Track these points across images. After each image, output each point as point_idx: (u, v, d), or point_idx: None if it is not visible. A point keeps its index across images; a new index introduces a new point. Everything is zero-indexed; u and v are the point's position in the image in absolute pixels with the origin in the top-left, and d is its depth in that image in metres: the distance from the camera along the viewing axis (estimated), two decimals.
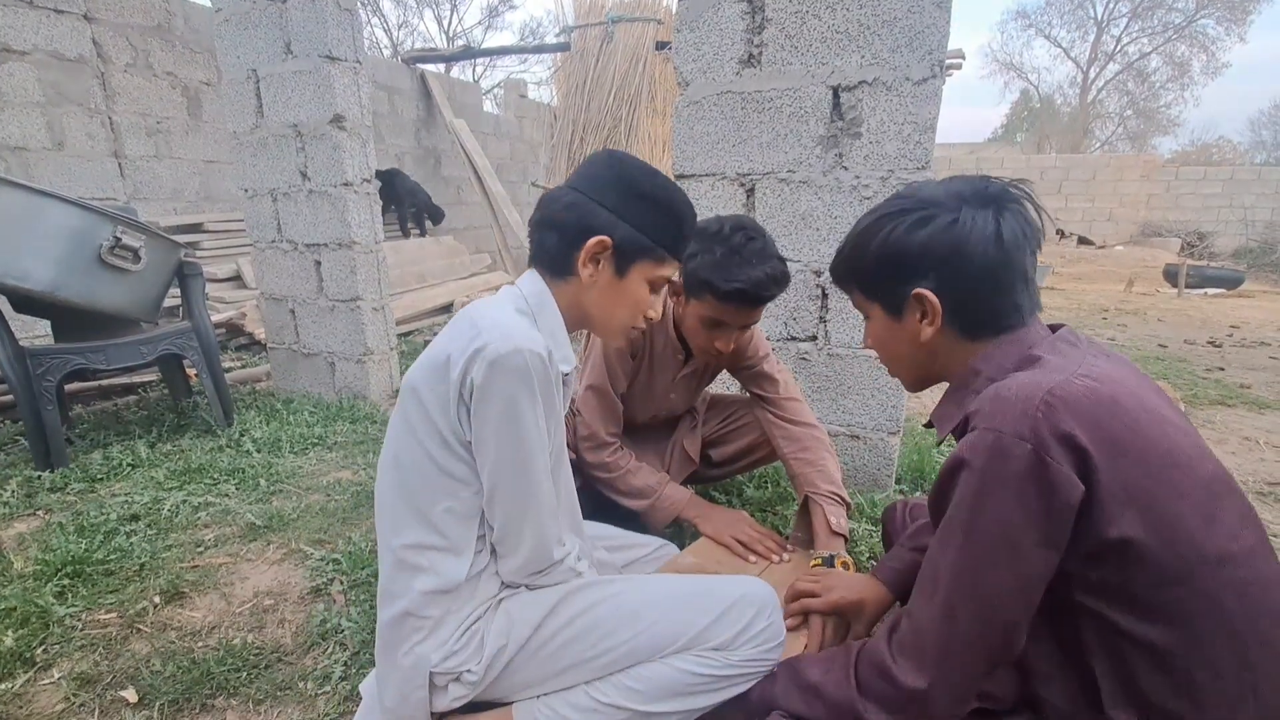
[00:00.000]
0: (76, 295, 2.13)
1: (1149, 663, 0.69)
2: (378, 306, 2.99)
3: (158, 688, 1.20)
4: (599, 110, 5.35)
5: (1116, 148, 22.35)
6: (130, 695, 1.19)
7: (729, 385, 1.98)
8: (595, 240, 0.91)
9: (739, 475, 1.94)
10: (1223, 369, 3.87)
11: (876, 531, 1.67)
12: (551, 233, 0.94)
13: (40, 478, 2.10)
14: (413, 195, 6.60)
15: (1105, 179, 11.82)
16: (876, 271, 0.87)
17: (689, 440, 1.72)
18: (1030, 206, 0.82)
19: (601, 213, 0.91)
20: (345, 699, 1.18)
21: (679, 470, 1.71)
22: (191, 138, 4.85)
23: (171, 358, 2.55)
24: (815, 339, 1.91)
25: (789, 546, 1.44)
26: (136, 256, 2.22)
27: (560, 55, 6.16)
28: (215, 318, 3.73)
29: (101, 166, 4.33)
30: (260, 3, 2.69)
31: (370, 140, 2.86)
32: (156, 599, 1.48)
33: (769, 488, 1.99)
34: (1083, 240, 11.43)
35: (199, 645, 1.34)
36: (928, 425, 0.91)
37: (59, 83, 4.08)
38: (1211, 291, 7.88)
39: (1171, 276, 8.06)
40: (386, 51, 16.83)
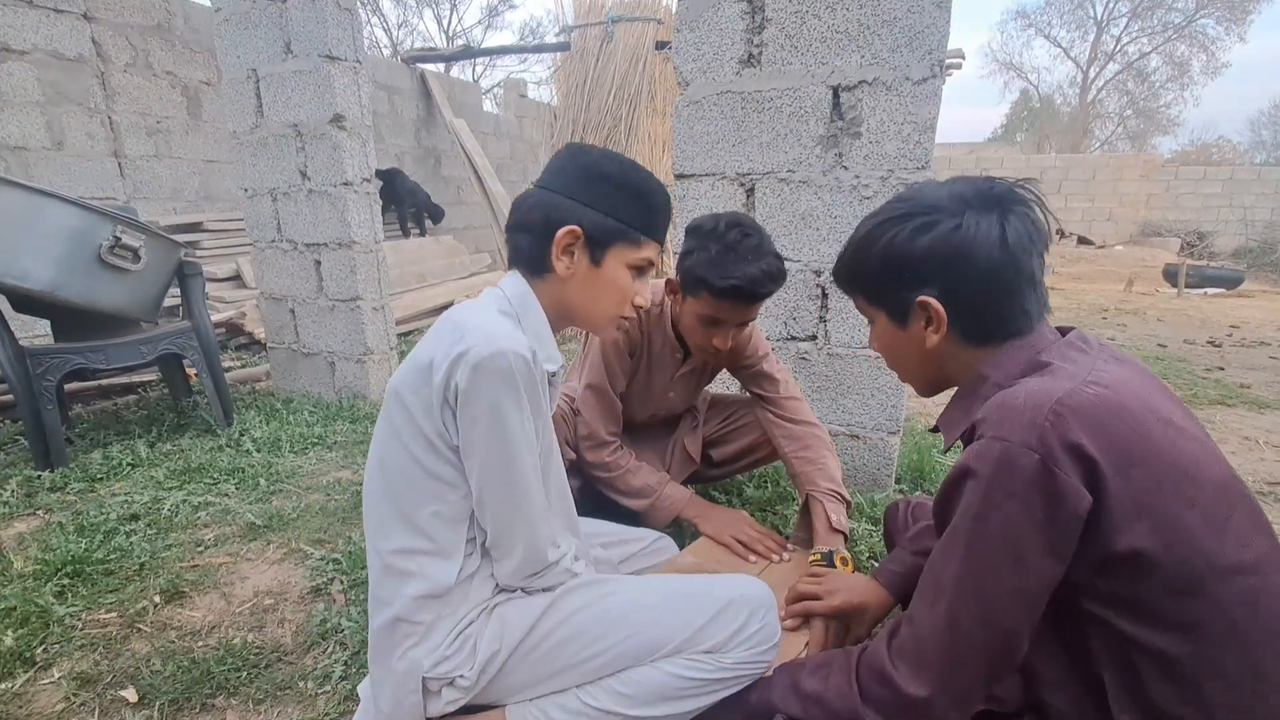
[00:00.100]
0: (76, 295, 2.13)
1: (1157, 671, 0.68)
2: (377, 306, 2.99)
3: (158, 687, 1.20)
4: (599, 110, 5.35)
5: (1116, 147, 22.37)
6: (130, 695, 1.19)
7: (729, 385, 1.99)
8: (565, 231, 0.90)
9: (739, 475, 1.94)
10: (1222, 369, 3.87)
11: (876, 531, 1.67)
12: (524, 234, 0.94)
13: (40, 477, 2.10)
14: (413, 195, 6.60)
15: (1105, 179, 11.82)
16: (879, 278, 0.86)
17: (690, 440, 1.72)
18: (1036, 207, 0.80)
19: (568, 204, 0.91)
20: (345, 698, 1.18)
21: (680, 470, 1.71)
22: (191, 137, 4.85)
23: (171, 357, 2.55)
24: (815, 338, 1.91)
25: (789, 546, 1.44)
26: (136, 256, 2.22)
27: (560, 55, 6.16)
28: (215, 317, 3.73)
29: (101, 166, 4.33)
30: (260, 2, 2.69)
31: (370, 140, 2.86)
32: (156, 598, 1.48)
33: (769, 487, 1.99)
34: (1082, 240, 11.44)
35: (199, 645, 1.34)
36: (933, 430, 0.90)
37: (58, 82, 4.08)
38: (1211, 291, 7.88)
39: (1171, 276, 8.06)
40: (386, 51, 16.83)
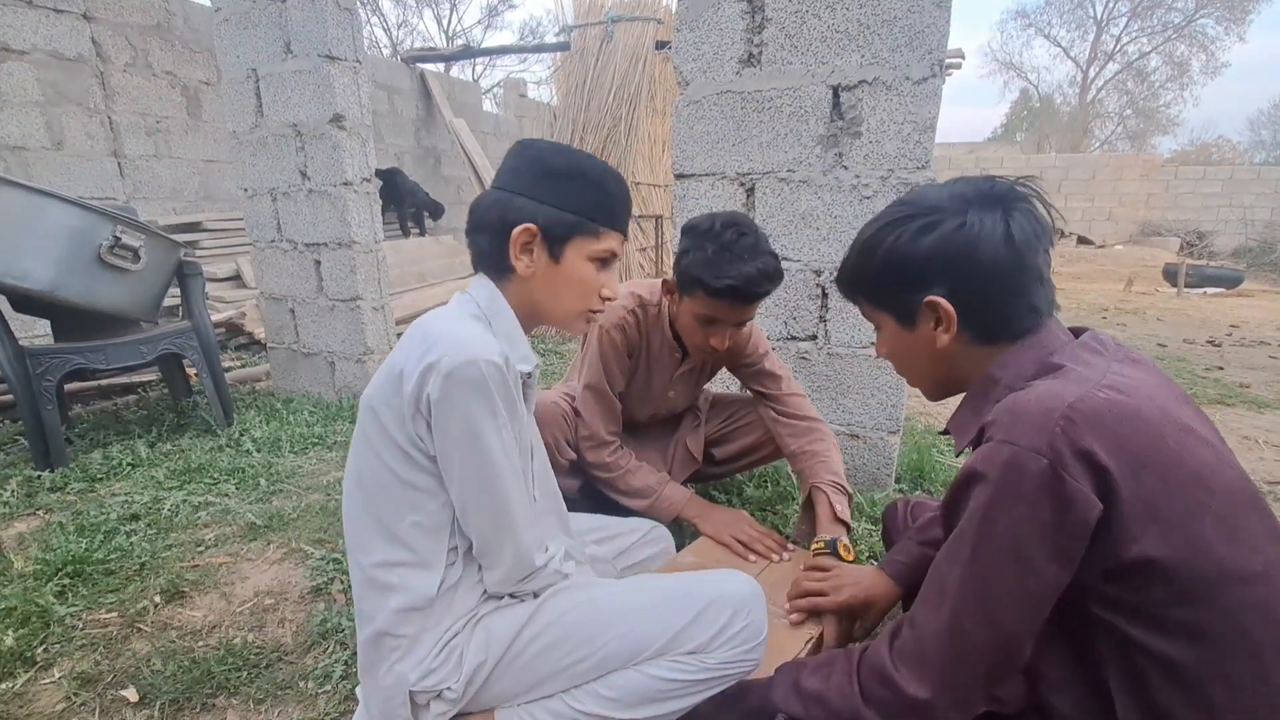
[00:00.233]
0: (76, 295, 2.13)
1: (1164, 677, 0.68)
2: (377, 306, 2.99)
3: (158, 687, 1.20)
4: (599, 110, 5.34)
5: (1116, 147, 22.39)
6: (131, 694, 1.19)
7: (730, 385, 1.99)
8: (520, 229, 0.90)
9: (740, 474, 1.94)
10: (1222, 368, 3.87)
11: (876, 531, 1.67)
12: (483, 235, 0.93)
13: (40, 477, 2.10)
14: (412, 194, 6.61)
15: (1105, 178, 11.82)
16: (884, 281, 0.85)
17: (692, 439, 1.72)
18: (1039, 204, 0.80)
19: (520, 201, 0.91)
20: (345, 698, 1.18)
21: (682, 469, 1.71)
22: (191, 137, 4.85)
23: (171, 357, 2.55)
24: (815, 338, 1.91)
25: (789, 546, 1.44)
26: (136, 256, 2.22)
27: (560, 55, 6.15)
28: (215, 317, 3.73)
29: (101, 166, 4.33)
30: (260, 2, 2.69)
31: (370, 140, 2.85)
32: (157, 598, 1.48)
33: (769, 487, 1.99)
34: (1082, 239, 11.44)
35: (199, 644, 1.34)
36: (944, 433, 0.90)
37: (58, 82, 4.08)
38: (1211, 291, 7.89)
39: (1171, 276, 8.07)
40: (386, 51, 16.83)
